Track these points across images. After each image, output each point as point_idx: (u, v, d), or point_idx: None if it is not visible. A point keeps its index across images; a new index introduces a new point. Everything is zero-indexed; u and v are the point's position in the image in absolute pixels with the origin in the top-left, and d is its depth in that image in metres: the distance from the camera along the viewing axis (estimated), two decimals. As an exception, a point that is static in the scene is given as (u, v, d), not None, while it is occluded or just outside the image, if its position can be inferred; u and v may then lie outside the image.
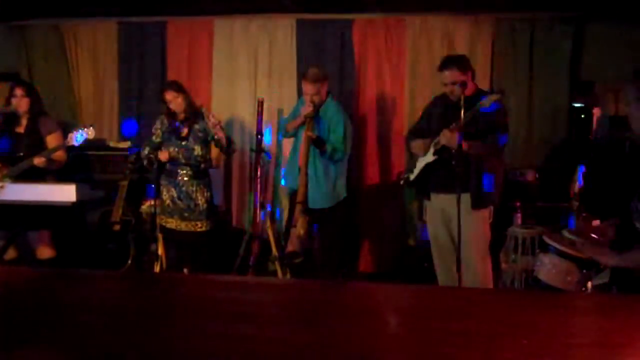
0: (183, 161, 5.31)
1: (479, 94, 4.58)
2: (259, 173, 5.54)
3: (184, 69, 6.74)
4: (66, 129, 5.36)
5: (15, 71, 7.00)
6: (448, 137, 4.44)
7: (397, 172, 6.37)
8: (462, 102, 4.31)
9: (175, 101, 5.31)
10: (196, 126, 5.32)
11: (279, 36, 6.61)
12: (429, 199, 4.89)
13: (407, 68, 6.39)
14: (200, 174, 5.36)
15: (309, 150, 5.14)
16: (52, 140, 5.29)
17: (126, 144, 6.50)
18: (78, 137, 5.13)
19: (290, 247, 4.94)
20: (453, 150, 4.41)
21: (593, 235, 4.08)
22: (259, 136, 5.42)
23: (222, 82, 6.70)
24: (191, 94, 6.48)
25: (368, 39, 6.44)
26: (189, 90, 5.63)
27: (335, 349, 2.11)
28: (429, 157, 4.68)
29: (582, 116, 6.33)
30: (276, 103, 6.60)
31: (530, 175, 5.88)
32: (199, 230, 5.35)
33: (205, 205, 5.35)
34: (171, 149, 5.32)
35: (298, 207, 4.96)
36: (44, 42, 7.03)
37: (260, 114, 5.39)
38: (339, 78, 6.44)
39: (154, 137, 5.45)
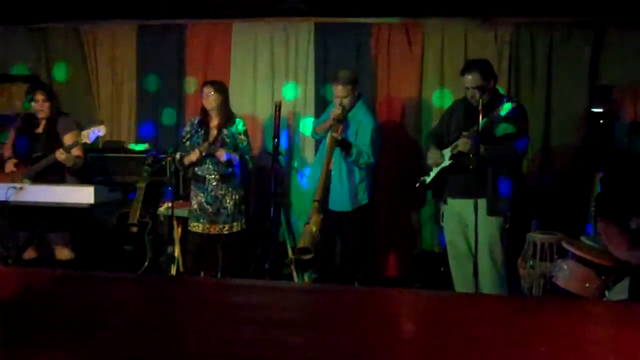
0: (210, 166, 5.32)
1: (499, 99, 4.56)
2: (275, 176, 5.54)
3: (202, 72, 6.76)
4: (82, 129, 5.39)
5: (34, 73, 7.06)
6: (466, 144, 4.45)
7: (414, 177, 6.35)
8: (479, 107, 4.30)
9: (208, 98, 5.31)
10: (225, 131, 5.32)
11: (297, 40, 6.61)
12: (445, 203, 4.89)
13: (425, 72, 6.37)
14: (228, 177, 5.36)
15: (333, 152, 5.12)
16: (69, 138, 5.32)
17: (144, 146, 6.53)
18: (91, 134, 5.15)
19: (301, 244, 4.93)
20: (471, 155, 4.40)
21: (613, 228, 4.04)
22: (276, 139, 5.42)
23: (240, 86, 6.70)
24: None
25: (386, 43, 6.42)
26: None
27: (351, 355, 2.11)
28: (445, 162, 4.68)
29: (601, 121, 6.29)
30: (294, 106, 6.61)
31: (548, 181, 5.84)
32: (225, 232, 5.36)
33: (232, 209, 5.36)
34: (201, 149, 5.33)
35: (314, 205, 4.94)
36: (63, 45, 7.07)
37: (277, 117, 5.39)
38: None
39: (185, 141, 5.46)
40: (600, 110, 6.27)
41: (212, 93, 5.31)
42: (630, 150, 5.98)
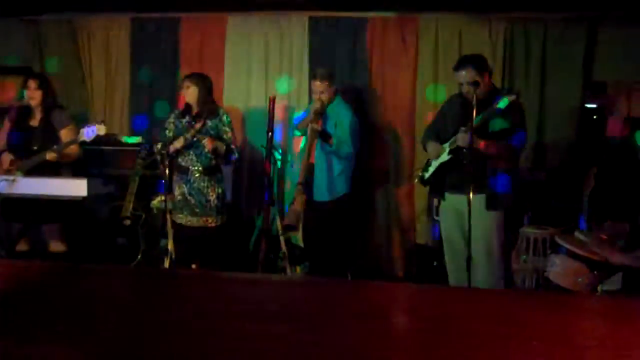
0: (193, 157, 5.31)
1: (495, 93, 4.55)
2: (269, 170, 5.55)
3: (196, 65, 6.73)
4: (78, 124, 5.37)
5: (28, 65, 7.02)
6: (464, 138, 4.43)
7: (407, 170, 6.37)
8: (474, 102, 4.30)
9: (187, 90, 5.32)
10: (209, 123, 5.30)
11: (292, 33, 6.60)
12: (443, 198, 4.87)
13: (420, 67, 6.37)
14: (212, 169, 5.37)
15: (314, 143, 5.27)
16: (65, 134, 5.29)
17: (137, 139, 6.51)
18: (89, 132, 5.14)
19: (286, 221, 5.05)
20: (464, 150, 4.40)
21: (602, 236, 4.06)
22: (270, 133, 5.43)
23: (234, 79, 6.70)
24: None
25: (381, 37, 6.42)
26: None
27: (342, 349, 2.11)
28: (444, 157, 4.68)
29: (595, 117, 6.30)
30: (288, 100, 6.61)
31: (541, 176, 5.85)
32: (209, 225, 5.35)
33: (216, 201, 5.36)
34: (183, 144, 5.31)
35: (298, 187, 5.11)
36: (57, 37, 7.04)
37: (271, 111, 5.40)
38: (351, 76, 6.43)
39: (166, 132, 5.44)
40: (594, 106, 6.29)
41: (190, 86, 5.32)
42: (623, 146, 6.00)
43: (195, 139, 5.25)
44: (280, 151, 6.44)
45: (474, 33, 6.24)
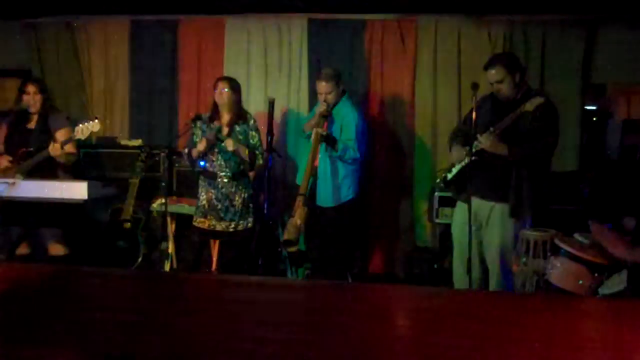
0: (222, 162, 5.29)
1: (529, 93, 4.45)
2: (269, 173, 5.54)
3: (195, 67, 6.76)
4: (75, 126, 5.37)
5: (27, 68, 7.03)
6: (486, 140, 4.35)
7: (407, 172, 6.38)
8: (474, 103, 4.26)
9: (221, 94, 5.27)
10: (237, 128, 5.28)
11: (290, 36, 6.61)
12: (465, 201, 4.59)
13: (419, 69, 6.37)
14: (239, 174, 5.34)
15: (318, 147, 5.17)
16: (61, 135, 5.28)
17: (137, 142, 6.51)
18: (84, 129, 5.12)
19: (286, 236, 4.95)
20: (485, 153, 4.34)
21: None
22: (270, 136, 5.42)
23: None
24: (201, 92, 6.50)
25: (380, 40, 6.43)
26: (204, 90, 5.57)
27: (343, 351, 2.11)
28: (466, 159, 4.57)
29: (594, 119, 6.30)
30: (287, 103, 6.61)
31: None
32: (231, 230, 5.33)
33: (240, 206, 5.33)
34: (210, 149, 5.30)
35: (299, 199, 4.97)
36: (56, 40, 7.06)
37: (271, 113, 5.39)
38: (350, 78, 6.42)
39: (194, 137, 5.40)
40: (593, 108, 6.29)
41: (226, 90, 5.26)
42: (622, 149, 6.00)
43: (220, 142, 5.23)
44: (279, 154, 6.43)
45: (473, 35, 6.25)
